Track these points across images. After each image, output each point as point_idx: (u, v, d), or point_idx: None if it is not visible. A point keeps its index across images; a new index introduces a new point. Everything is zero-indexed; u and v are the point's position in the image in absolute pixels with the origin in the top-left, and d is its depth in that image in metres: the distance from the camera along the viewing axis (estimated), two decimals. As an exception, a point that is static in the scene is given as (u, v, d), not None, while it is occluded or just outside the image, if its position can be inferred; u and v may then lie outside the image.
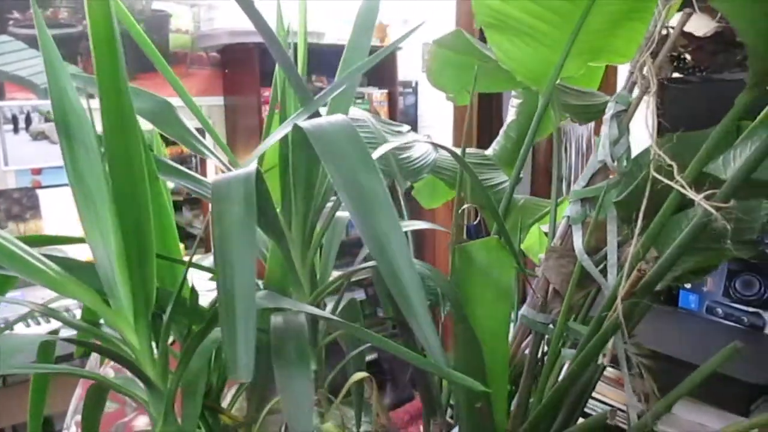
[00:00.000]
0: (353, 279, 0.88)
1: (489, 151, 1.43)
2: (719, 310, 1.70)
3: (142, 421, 1.38)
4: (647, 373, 0.97)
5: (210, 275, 0.82)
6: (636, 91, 0.95)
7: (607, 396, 1.56)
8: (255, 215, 0.53)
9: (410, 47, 2.74)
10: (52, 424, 2.20)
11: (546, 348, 1.03)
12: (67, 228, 2.20)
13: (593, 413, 1.66)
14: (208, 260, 0.86)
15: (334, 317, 0.62)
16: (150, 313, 0.63)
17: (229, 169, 0.71)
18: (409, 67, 2.78)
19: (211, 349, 0.67)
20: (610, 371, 1.61)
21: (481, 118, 2.74)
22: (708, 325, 1.71)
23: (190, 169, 0.78)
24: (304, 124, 0.57)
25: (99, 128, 0.74)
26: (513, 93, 1.42)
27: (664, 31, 0.93)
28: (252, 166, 0.58)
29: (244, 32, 2.37)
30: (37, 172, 2.19)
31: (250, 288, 0.49)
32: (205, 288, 0.76)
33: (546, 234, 1.17)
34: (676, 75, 1.93)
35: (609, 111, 0.96)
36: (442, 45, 1.30)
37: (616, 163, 0.94)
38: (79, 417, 1.41)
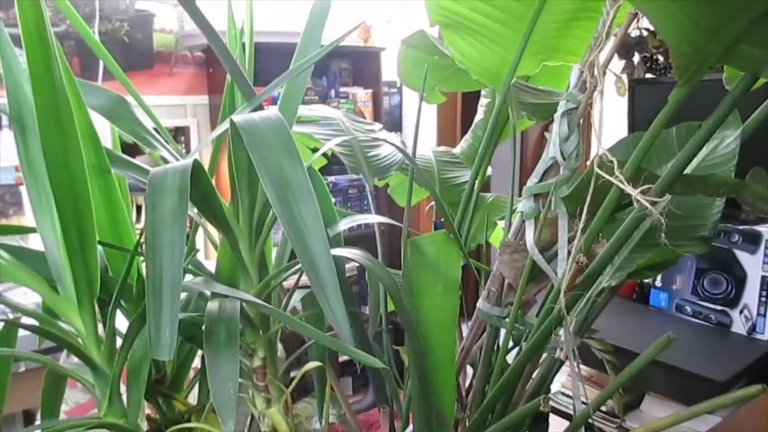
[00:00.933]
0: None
1: (457, 150, 1.46)
2: (688, 308, 1.73)
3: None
4: (610, 367, 1.00)
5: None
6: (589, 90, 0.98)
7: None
8: (186, 205, 0.56)
9: (394, 48, 2.76)
10: (33, 418, 2.23)
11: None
12: (50, 224, 2.23)
13: (563, 409, 1.70)
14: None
15: (263, 303, 0.64)
16: (94, 298, 0.66)
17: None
18: (394, 67, 2.80)
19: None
20: (585, 370, 1.64)
21: (465, 117, 2.77)
22: (677, 322, 1.73)
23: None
24: (237, 118, 0.59)
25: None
26: (482, 92, 1.45)
27: (617, 31, 0.96)
28: (189, 159, 0.61)
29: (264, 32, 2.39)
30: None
31: (176, 272, 0.52)
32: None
33: (502, 228, 1.19)
34: (649, 75, 1.96)
35: (560, 109, 0.99)
36: (409, 45, 1.33)
37: (565, 160, 0.97)
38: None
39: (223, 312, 0.61)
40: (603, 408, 1.72)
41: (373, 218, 0.93)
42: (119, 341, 0.69)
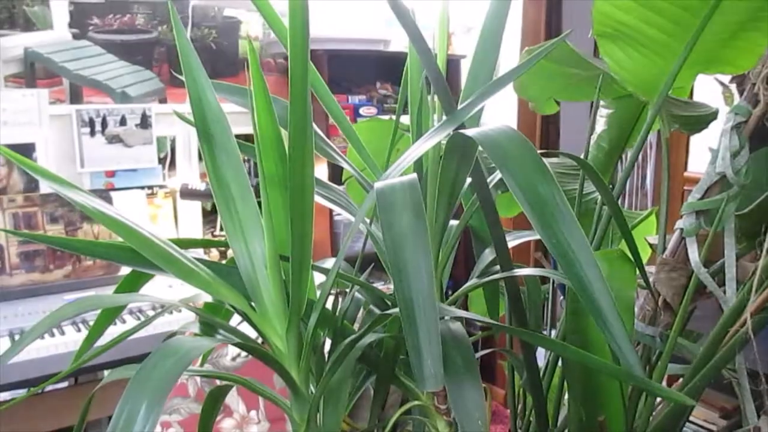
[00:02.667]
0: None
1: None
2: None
3: (227, 423, 1.40)
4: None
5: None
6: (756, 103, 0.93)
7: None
8: (425, 223, 0.53)
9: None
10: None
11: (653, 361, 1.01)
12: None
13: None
14: (329, 262, 0.86)
15: (502, 324, 0.61)
16: (300, 319, 0.63)
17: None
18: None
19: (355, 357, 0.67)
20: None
21: (544, 127, 2.72)
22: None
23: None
24: (471, 132, 0.56)
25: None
26: (602, 103, 1.41)
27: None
28: (413, 175, 0.58)
29: (314, 39, 2.38)
30: (111, 174, 2.24)
31: (429, 295, 0.49)
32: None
33: (651, 246, 1.14)
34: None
35: (728, 122, 0.95)
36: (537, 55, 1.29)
37: (736, 176, 0.92)
38: (164, 418, 1.43)
39: (454, 335, 0.58)
40: (712, 427, 1.66)
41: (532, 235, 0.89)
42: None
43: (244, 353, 1.40)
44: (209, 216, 2.52)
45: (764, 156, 1.00)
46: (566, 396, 1.06)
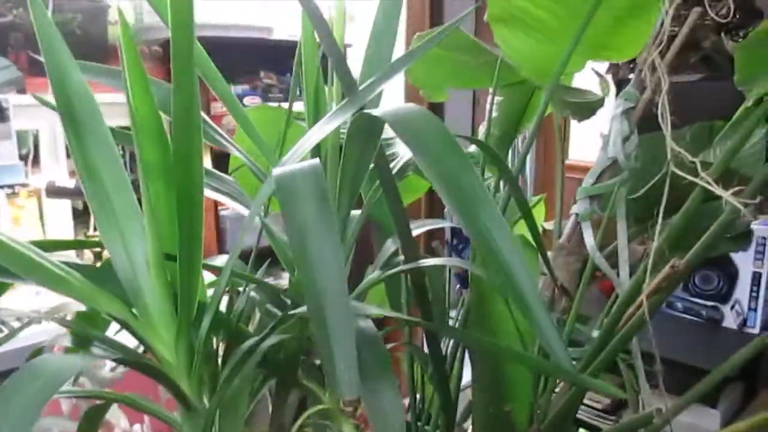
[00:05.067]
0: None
1: (471, 149, 1.41)
2: (679, 305, 1.75)
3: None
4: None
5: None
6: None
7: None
8: (332, 212, 0.48)
9: (359, 45, 2.70)
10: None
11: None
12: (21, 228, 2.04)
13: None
14: (220, 260, 0.79)
15: (417, 320, 0.57)
16: (190, 324, 0.56)
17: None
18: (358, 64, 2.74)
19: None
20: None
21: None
22: (668, 318, 1.76)
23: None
24: (378, 112, 0.52)
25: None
26: (491, 90, 1.41)
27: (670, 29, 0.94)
28: (314, 160, 0.53)
29: (195, 24, 2.26)
30: (-37, 172, 2.00)
31: (340, 294, 0.44)
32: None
33: (546, 231, 1.15)
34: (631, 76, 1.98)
35: (618, 108, 0.96)
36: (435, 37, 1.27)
37: (627, 160, 0.94)
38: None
39: (366, 335, 0.53)
40: (598, 406, 1.73)
41: (444, 223, 0.86)
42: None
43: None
44: (81, 216, 2.32)
45: (652, 141, 1.03)
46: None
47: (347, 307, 0.44)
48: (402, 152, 1.27)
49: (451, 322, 1.19)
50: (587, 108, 1.11)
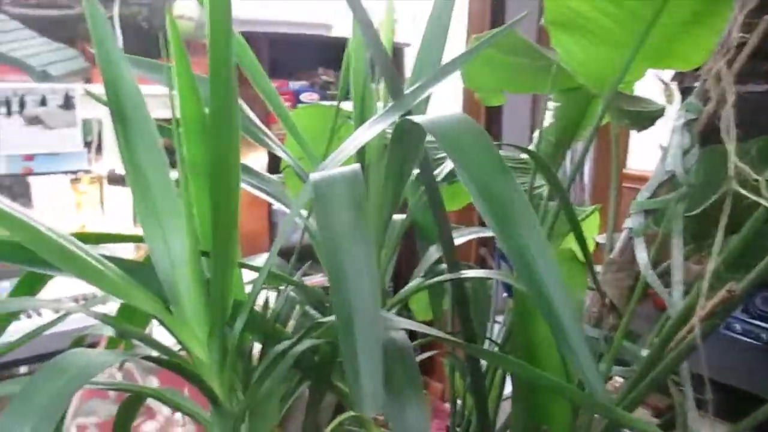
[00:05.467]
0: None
1: (524, 155, 1.38)
2: (737, 326, 1.67)
3: (150, 426, 1.30)
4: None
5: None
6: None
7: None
8: (366, 222, 0.47)
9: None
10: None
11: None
12: (59, 217, 2.10)
13: None
14: (260, 259, 0.79)
15: (452, 339, 0.55)
16: (225, 324, 0.56)
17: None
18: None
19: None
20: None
21: (489, 120, 2.70)
22: (725, 340, 1.67)
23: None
24: (419, 119, 0.50)
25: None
26: (549, 96, 1.37)
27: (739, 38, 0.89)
28: (355, 166, 0.52)
29: (253, 21, 2.29)
30: (30, 158, 2.08)
31: (371, 308, 0.43)
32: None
33: (598, 245, 1.11)
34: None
35: (679, 119, 0.92)
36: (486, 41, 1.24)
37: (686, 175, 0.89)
38: (80, 420, 1.32)
39: (397, 347, 0.51)
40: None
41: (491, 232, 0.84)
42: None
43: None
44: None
45: (713, 155, 0.98)
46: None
47: (377, 320, 0.42)
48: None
49: (496, 329, 1.17)
50: (646, 118, 1.06)
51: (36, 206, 2.05)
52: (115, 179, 2.12)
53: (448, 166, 0.77)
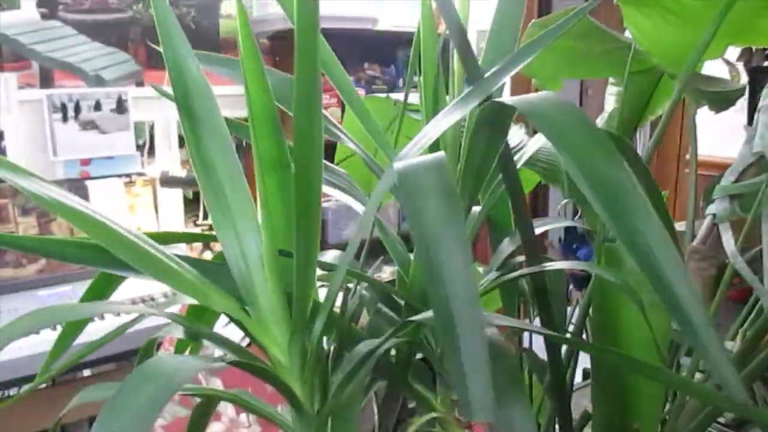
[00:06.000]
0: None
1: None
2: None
3: (216, 428, 1.30)
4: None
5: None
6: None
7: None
8: (460, 211, 0.44)
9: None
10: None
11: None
12: (118, 220, 2.13)
13: None
14: (328, 256, 0.77)
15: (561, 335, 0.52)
16: (305, 327, 0.54)
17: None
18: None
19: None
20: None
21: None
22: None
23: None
24: (512, 101, 0.47)
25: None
26: (610, 80, 1.32)
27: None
28: (439, 153, 0.49)
29: (296, 18, 2.28)
30: (86, 162, 2.11)
31: (472, 305, 0.40)
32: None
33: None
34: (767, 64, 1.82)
35: (766, 99, 0.86)
36: (545, 28, 1.20)
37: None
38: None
39: (493, 346, 0.48)
40: (721, 419, 1.60)
41: (564, 222, 0.80)
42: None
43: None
44: (191, 204, 2.41)
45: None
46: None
47: (479, 318, 0.39)
48: (512, 144, 1.21)
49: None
50: (725, 98, 1.00)
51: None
52: (167, 181, 2.13)
53: (525, 154, 0.72)
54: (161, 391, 0.38)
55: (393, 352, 0.71)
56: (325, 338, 0.66)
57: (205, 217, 2.39)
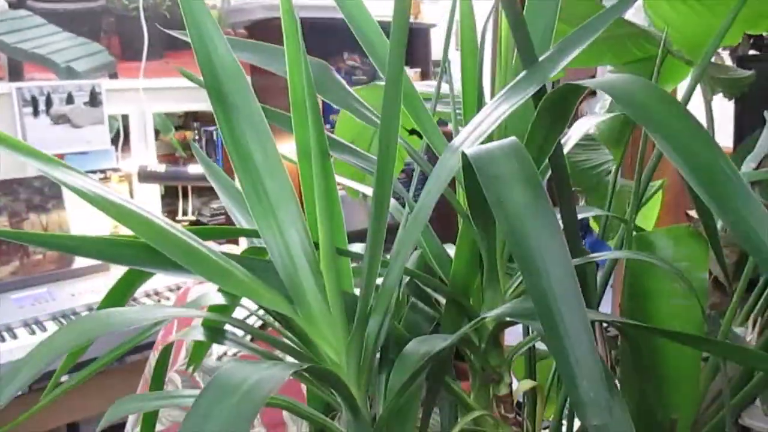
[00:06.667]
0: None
1: (592, 130, 1.32)
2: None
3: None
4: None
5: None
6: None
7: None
8: (546, 197, 0.41)
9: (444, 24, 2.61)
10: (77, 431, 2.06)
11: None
12: (94, 219, 2.05)
13: None
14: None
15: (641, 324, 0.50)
16: (349, 320, 0.51)
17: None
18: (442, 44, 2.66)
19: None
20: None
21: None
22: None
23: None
24: (593, 82, 0.45)
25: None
26: (609, 68, 1.31)
27: None
28: (512, 139, 0.46)
29: (275, 6, 2.22)
30: (59, 158, 2.02)
31: (575, 298, 0.37)
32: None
33: (692, 220, 1.05)
34: (752, 52, 1.83)
35: (788, 82, 0.86)
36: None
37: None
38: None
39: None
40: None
41: (598, 211, 0.78)
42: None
43: (231, 351, 1.26)
44: (163, 200, 2.34)
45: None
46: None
47: (583, 313, 0.37)
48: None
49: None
50: (739, 85, 1.00)
51: (68, 207, 1.99)
52: (145, 176, 2.06)
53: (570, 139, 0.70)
54: (248, 402, 0.35)
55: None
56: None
57: (183, 213, 2.33)
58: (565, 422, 0.95)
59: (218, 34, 0.59)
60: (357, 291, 0.62)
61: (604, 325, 0.76)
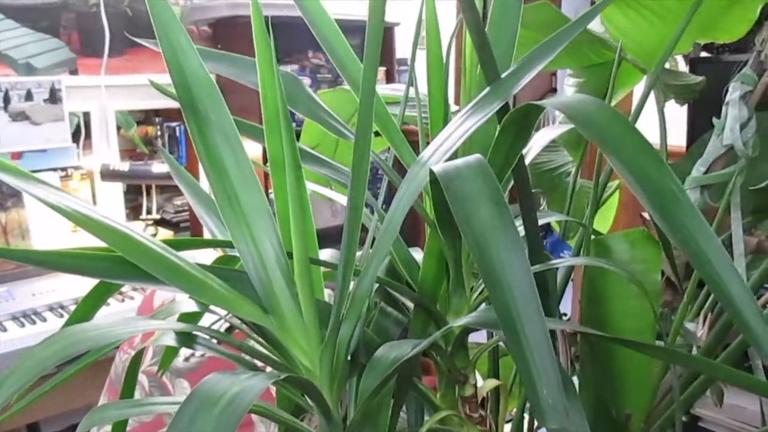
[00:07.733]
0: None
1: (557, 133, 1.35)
2: None
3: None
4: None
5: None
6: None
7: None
8: (510, 216, 0.44)
9: (408, 23, 2.63)
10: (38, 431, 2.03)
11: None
12: (53, 218, 2.02)
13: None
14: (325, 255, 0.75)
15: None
16: (320, 326, 0.53)
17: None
18: (407, 43, 2.68)
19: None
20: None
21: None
22: None
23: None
24: (552, 102, 0.47)
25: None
26: (569, 71, 1.35)
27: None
28: (477, 156, 0.49)
29: (237, 4, 2.21)
30: (17, 156, 1.99)
31: (535, 310, 0.40)
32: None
33: (645, 221, 1.10)
34: (704, 54, 1.90)
35: (735, 92, 0.90)
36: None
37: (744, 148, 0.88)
38: (107, 428, 1.28)
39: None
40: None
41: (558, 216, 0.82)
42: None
43: (198, 353, 1.26)
44: (127, 195, 2.32)
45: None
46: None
47: (543, 324, 0.40)
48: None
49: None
50: (689, 91, 1.05)
51: (27, 206, 1.96)
52: (108, 175, 2.04)
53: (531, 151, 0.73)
54: (229, 413, 0.37)
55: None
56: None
57: (148, 212, 2.31)
58: (526, 416, 0.98)
59: (190, 45, 0.60)
60: (326, 293, 0.65)
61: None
